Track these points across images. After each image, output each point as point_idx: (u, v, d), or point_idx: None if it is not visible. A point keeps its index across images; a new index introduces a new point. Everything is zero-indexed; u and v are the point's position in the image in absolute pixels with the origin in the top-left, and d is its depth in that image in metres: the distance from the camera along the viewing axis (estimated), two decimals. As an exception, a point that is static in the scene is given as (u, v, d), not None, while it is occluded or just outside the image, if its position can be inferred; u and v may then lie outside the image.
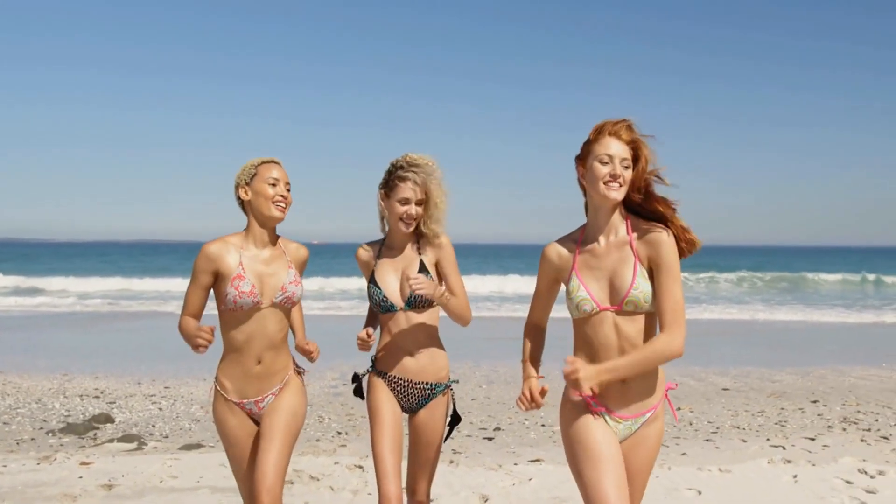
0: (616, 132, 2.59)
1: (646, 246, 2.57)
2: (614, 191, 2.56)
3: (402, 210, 3.20)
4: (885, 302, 25.81)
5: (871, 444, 6.37)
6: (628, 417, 2.60)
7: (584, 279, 2.61)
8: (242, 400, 3.10)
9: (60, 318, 19.06)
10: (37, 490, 4.89)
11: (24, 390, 8.97)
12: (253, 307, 3.03)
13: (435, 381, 3.25)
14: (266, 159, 3.12)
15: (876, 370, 10.93)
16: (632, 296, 2.53)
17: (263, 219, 3.08)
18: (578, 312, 2.60)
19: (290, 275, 3.11)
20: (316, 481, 5.09)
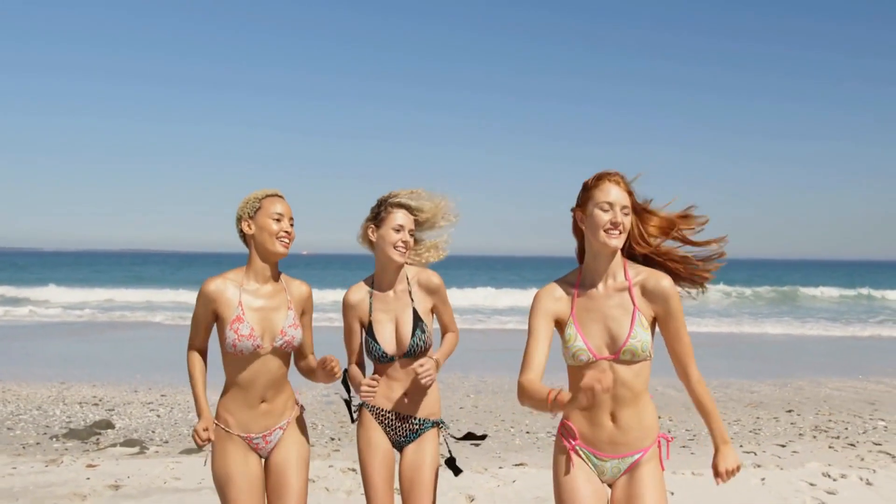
0: (615, 180, 2.60)
1: (649, 299, 2.58)
2: (615, 238, 2.56)
3: (396, 238, 3.14)
4: (871, 315, 26.29)
5: (839, 450, 6.72)
6: (614, 457, 2.60)
7: (582, 327, 2.59)
8: (249, 435, 3.04)
9: (51, 327, 19.25)
10: (47, 490, 5.17)
11: (23, 398, 9.21)
12: (254, 352, 2.98)
13: (424, 417, 3.20)
14: (270, 192, 3.07)
15: (851, 382, 11.29)
16: (629, 345, 2.53)
17: (267, 254, 3.02)
18: (574, 361, 2.58)
19: (289, 317, 3.04)
20: (312, 483, 5.38)
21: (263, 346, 2.98)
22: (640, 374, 2.58)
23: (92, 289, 32.12)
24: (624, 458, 2.60)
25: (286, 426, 3.09)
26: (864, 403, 9.45)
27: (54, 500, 4.94)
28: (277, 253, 3.01)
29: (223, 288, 3.00)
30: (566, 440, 2.65)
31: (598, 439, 2.60)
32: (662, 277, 2.59)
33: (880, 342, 18.13)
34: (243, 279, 3.05)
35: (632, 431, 2.59)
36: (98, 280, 41.99)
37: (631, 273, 2.63)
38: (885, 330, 20.94)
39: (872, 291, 37.54)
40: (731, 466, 2.61)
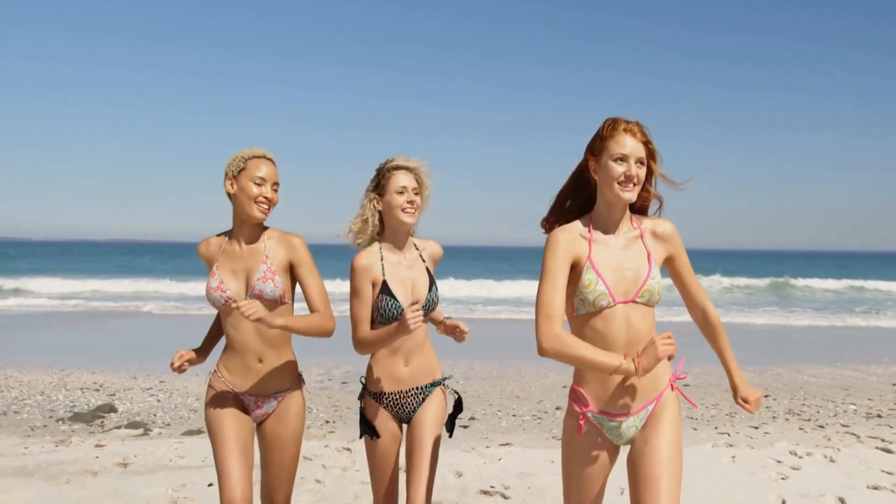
0: (631, 130, 2.53)
1: (658, 242, 2.62)
2: (628, 192, 2.51)
3: (402, 200, 3.06)
4: (857, 305, 26.78)
5: (808, 431, 7.09)
6: (629, 414, 2.54)
7: (601, 271, 2.52)
8: (243, 393, 3.02)
9: (43, 317, 19.46)
10: (59, 467, 5.47)
11: (26, 384, 9.48)
12: (227, 305, 2.97)
13: (428, 383, 3.16)
14: (258, 153, 2.98)
15: (829, 369, 11.67)
16: (648, 285, 2.51)
17: (244, 216, 2.97)
18: (593, 307, 2.50)
19: (261, 270, 2.96)
20: (309, 461, 5.70)
21: (235, 298, 2.95)
22: (648, 319, 2.56)
23: (84, 279, 32.21)
24: (639, 414, 2.55)
25: (282, 398, 3.04)
26: (838, 389, 9.83)
27: (67, 476, 5.24)
28: (253, 217, 2.95)
29: (208, 249, 3.06)
30: (578, 406, 2.60)
31: (613, 397, 2.53)
32: (665, 221, 2.65)
33: (863, 332, 18.59)
34: (225, 240, 3.05)
35: (643, 387, 2.54)
36: (88, 270, 42.08)
37: (635, 220, 2.63)
38: (870, 320, 21.38)
39: (864, 283, 37.86)
40: (758, 394, 2.63)
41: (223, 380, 3.03)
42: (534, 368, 10.83)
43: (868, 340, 16.55)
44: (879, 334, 18.03)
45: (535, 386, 9.67)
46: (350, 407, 8.13)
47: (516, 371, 10.67)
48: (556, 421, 7.61)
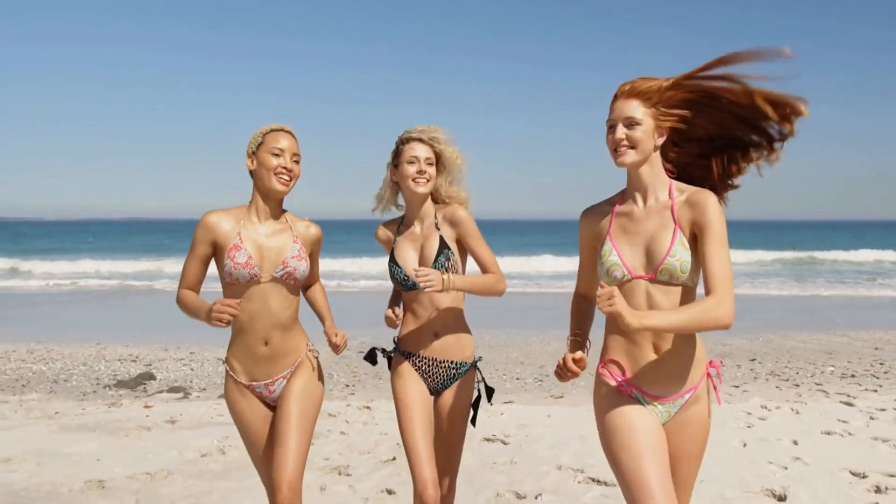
0: (618, 94, 2.45)
1: (689, 209, 2.39)
2: (619, 156, 2.42)
3: (412, 170, 3.06)
4: (862, 276, 27.17)
5: (783, 389, 7.80)
6: (664, 399, 2.42)
7: (618, 244, 2.46)
8: (252, 382, 2.96)
9: (68, 295, 20.37)
10: (116, 424, 6.26)
11: (67, 356, 10.29)
12: (251, 281, 2.86)
13: (460, 361, 3.13)
14: (276, 127, 2.92)
15: (818, 335, 12.32)
16: (667, 263, 2.35)
17: (266, 190, 2.89)
18: (609, 279, 2.44)
19: (294, 249, 2.92)
20: (333, 417, 6.47)
21: (262, 275, 2.87)
22: (674, 298, 2.38)
23: (102, 259, 32.98)
24: (675, 401, 2.43)
25: (290, 374, 2.98)
26: (822, 353, 10.51)
27: (125, 431, 6.03)
28: (275, 190, 2.88)
29: (222, 219, 2.91)
30: (612, 376, 2.48)
31: (644, 374, 2.42)
32: (706, 192, 2.39)
33: (861, 300, 19.22)
34: (245, 215, 2.95)
35: (676, 360, 2.40)
36: (107, 249, 43.01)
37: (675, 191, 2.45)
38: (873, 289, 21.91)
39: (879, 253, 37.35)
40: (604, 292, 2.17)
41: (233, 376, 2.99)
42: (539, 337, 11.54)
43: (865, 308, 17.20)
44: (878, 301, 18.70)
45: (539, 353, 10.38)
46: (367, 372, 8.90)
47: (522, 340, 11.38)
48: (555, 383, 8.33)
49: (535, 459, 5.17)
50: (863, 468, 4.81)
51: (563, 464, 5.02)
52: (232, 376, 2.98)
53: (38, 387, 8.21)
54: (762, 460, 5.04)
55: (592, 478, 4.74)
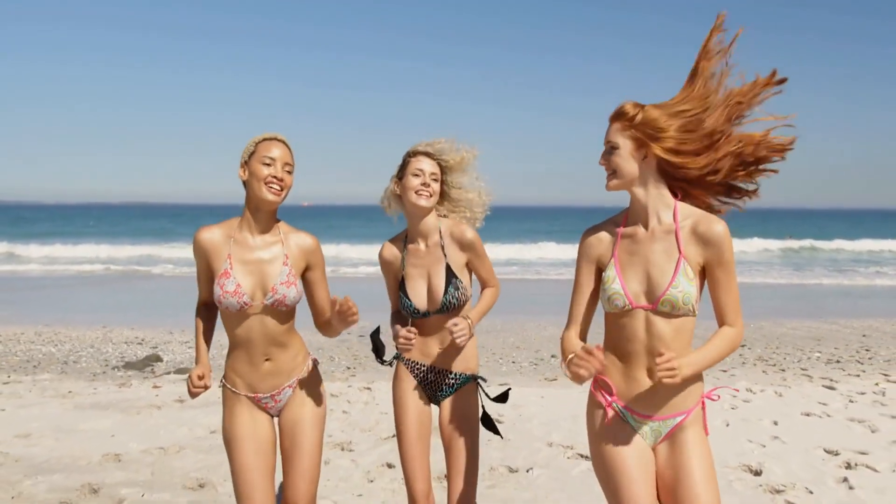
0: (611, 118, 2.42)
1: (699, 245, 2.34)
2: (607, 181, 2.43)
3: (416, 182, 3.02)
4: (859, 264, 27.42)
5: (769, 374, 8.08)
6: (654, 419, 2.40)
7: (622, 269, 2.41)
8: (257, 394, 2.89)
9: (71, 279, 20.63)
10: (128, 403, 6.54)
11: (75, 338, 10.56)
12: (241, 309, 2.78)
13: (461, 372, 3.11)
14: (269, 136, 2.83)
15: (809, 322, 12.59)
16: (669, 295, 2.31)
17: (257, 201, 2.79)
18: (609, 306, 2.41)
19: (283, 273, 2.80)
20: (336, 398, 6.74)
21: (252, 304, 2.78)
22: (681, 330, 2.35)
23: (101, 244, 33.12)
24: (664, 421, 2.39)
25: (295, 384, 2.93)
26: (811, 339, 10.79)
27: (136, 409, 6.31)
28: (266, 200, 2.78)
29: (213, 238, 2.83)
30: (602, 396, 2.47)
31: (635, 396, 2.40)
32: (715, 221, 2.34)
33: (854, 289, 19.51)
34: (236, 230, 2.85)
35: (670, 390, 2.36)
36: (110, 234, 43.24)
37: (680, 215, 2.39)
38: (874, 279, 22.15)
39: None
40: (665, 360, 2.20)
41: (233, 387, 2.91)
42: (535, 323, 11.82)
43: (857, 296, 17.48)
44: (871, 290, 18.98)
45: (535, 338, 10.66)
46: (368, 356, 9.17)
47: (519, 325, 11.65)
48: (549, 366, 8.61)
49: (527, 437, 5.45)
50: (836, 446, 5.10)
51: (554, 441, 5.31)
52: (230, 390, 2.89)
53: (50, 367, 8.49)
54: (742, 439, 5.32)
55: (581, 454, 5.02)
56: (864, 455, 4.93)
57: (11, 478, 4.58)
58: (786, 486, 4.37)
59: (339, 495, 4.36)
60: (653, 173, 2.39)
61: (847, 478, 4.50)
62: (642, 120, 2.34)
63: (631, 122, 2.35)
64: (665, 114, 2.35)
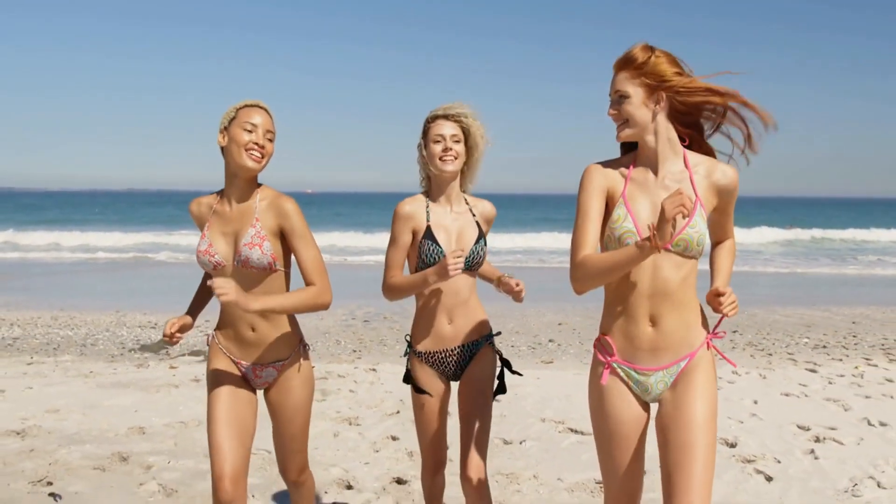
0: (618, 66, 2.39)
1: (712, 189, 2.39)
2: (618, 132, 2.41)
3: (437, 149, 2.98)
4: (858, 253, 27.71)
5: (756, 358, 8.45)
6: (657, 368, 2.37)
7: (634, 209, 2.36)
8: (241, 361, 2.88)
9: (81, 265, 21.07)
10: (147, 382, 6.94)
11: (90, 323, 10.96)
12: (216, 269, 2.79)
13: (475, 339, 3.08)
14: (250, 102, 2.79)
15: (803, 310, 12.93)
16: (686, 234, 2.29)
17: (236, 167, 2.74)
18: (618, 245, 2.34)
19: (249, 234, 2.74)
20: (343, 378, 7.13)
21: (223, 263, 2.78)
22: (688, 276, 2.35)
23: (109, 232, 33.48)
24: (669, 369, 2.36)
25: (282, 367, 2.88)
26: (801, 326, 11.14)
27: (156, 387, 6.71)
28: (245, 167, 2.72)
29: (199, 209, 2.88)
30: (603, 355, 2.47)
31: (638, 349, 2.38)
32: (728, 168, 2.39)
33: (850, 278, 19.85)
34: (215, 198, 2.88)
35: (675, 334, 2.35)
36: (114, 221, 43.69)
37: (691, 161, 2.40)
38: (875, 268, 22.43)
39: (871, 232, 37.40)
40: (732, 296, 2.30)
41: (219, 346, 2.91)
42: (535, 309, 12.17)
43: (852, 285, 17.83)
44: (867, 278, 19.33)
45: (534, 323, 11.03)
46: (373, 340, 9.57)
47: (519, 311, 12.01)
48: (546, 350, 8.99)
49: (521, 413, 5.83)
50: (808, 423, 5.48)
51: (547, 417, 5.69)
52: (217, 344, 2.91)
53: (69, 350, 8.90)
54: (722, 416, 5.69)
55: (571, 428, 5.41)
56: (833, 430, 5.31)
57: (47, 447, 4.98)
58: (756, 457, 4.76)
59: (347, 463, 4.75)
60: (663, 120, 2.37)
61: (814, 450, 4.89)
62: (653, 67, 2.32)
63: (641, 70, 2.33)
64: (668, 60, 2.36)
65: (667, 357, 2.36)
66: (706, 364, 2.37)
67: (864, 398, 6.31)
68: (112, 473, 4.54)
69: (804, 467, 4.60)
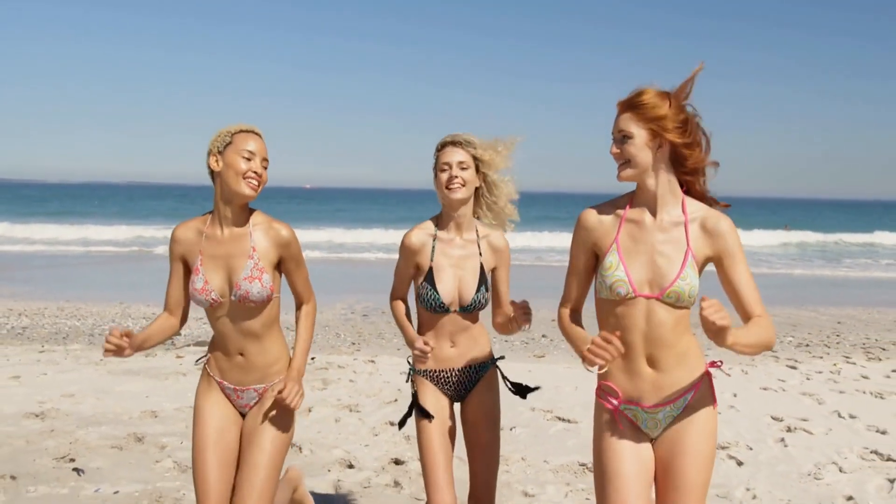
0: (623, 106, 2.38)
1: (706, 238, 2.35)
2: (619, 171, 2.38)
3: (443, 177, 2.94)
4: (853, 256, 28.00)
5: (738, 354, 8.77)
6: (663, 405, 2.38)
7: (626, 257, 2.36)
8: (223, 381, 2.85)
9: (82, 258, 21.37)
10: (156, 369, 7.26)
11: (96, 314, 11.27)
12: (214, 306, 2.75)
13: (478, 363, 3.05)
14: (245, 128, 2.77)
15: (790, 310, 13.24)
16: (677, 286, 2.29)
17: (231, 195, 2.72)
18: (610, 293, 2.36)
19: (248, 268, 2.72)
20: (342, 369, 7.46)
21: (220, 300, 2.74)
22: (682, 319, 2.37)
23: (109, 226, 33.59)
24: (675, 403, 2.39)
25: (262, 391, 2.84)
26: (787, 325, 11.48)
27: (164, 375, 7.03)
28: (243, 195, 2.71)
29: (187, 234, 2.81)
30: (607, 402, 2.45)
31: (641, 389, 2.39)
32: (722, 217, 2.37)
33: (839, 279, 20.21)
34: (208, 225, 2.80)
35: (675, 372, 2.37)
36: (113, 215, 43.93)
37: (689, 208, 2.38)
38: (871, 270, 22.80)
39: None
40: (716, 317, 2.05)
41: (208, 368, 2.90)
42: (530, 305, 12.50)
43: (842, 286, 18.19)
44: (854, 281, 19.71)
45: (527, 320, 11.36)
46: (371, 333, 9.89)
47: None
48: (539, 345, 9.33)
49: (512, 402, 6.07)
50: (782, 414, 5.82)
51: (536, 406, 6.02)
52: (207, 371, 2.89)
53: (78, 339, 9.21)
54: (702, 407, 6.02)
55: (559, 417, 5.75)
56: (805, 421, 5.65)
57: (66, 428, 5.31)
58: (730, 444, 5.10)
59: (349, 445, 5.08)
60: (665, 163, 2.36)
61: (784, 438, 5.23)
62: (653, 112, 2.32)
63: (644, 115, 2.32)
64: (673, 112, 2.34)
65: (672, 392, 2.37)
66: (709, 398, 2.44)
67: (838, 393, 6.65)
68: (129, 452, 4.87)
69: (774, 454, 4.93)
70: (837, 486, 4.39)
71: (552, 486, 4.41)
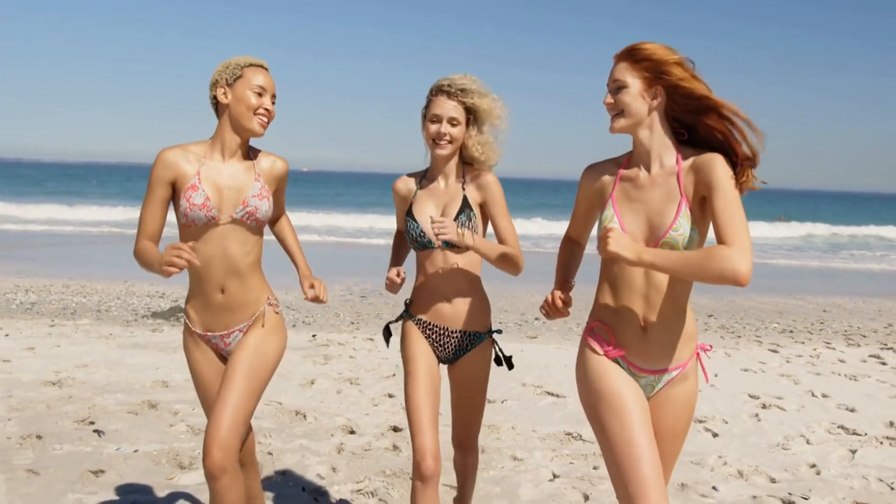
0: (619, 56, 2.36)
1: (694, 173, 2.28)
2: (612, 122, 2.36)
3: (432, 129, 2.87)
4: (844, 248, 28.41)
5: (725, 338, 9.13)
6: (648, 372, 2.35)
7: (621, 211, 2.36)
8: (207, 333, 2.78)
9: (79, 239, 21.63)
10: (164, 344, 7.57)
11: (101, 291, 11.56)
12: (208, 223, 2.67)
13: (473, 331, 2.97)
14: (255, 61, 2.70)
15: (778, 298, 13.59)
16: (669, 237, 2.25)
17: (240, 129, 2.69)
18: None
19: (256, 187, 2.71)
20: (343, 346, 7.77)
21: (220, 217, 2.68)
22: (679, 281, 2.30)
23: (109, 206, 33.76)
24: (660, 376, 2.36)
25: (246, 329, 2.78)
26: (774, 313, 11.82)
27: (172, 349, 7.35)
28: (253, 131, 2.70)
29: (183, 157, 2.70)
30: (600, 344, 2.40)
31: (631, 349, 2.36)
32: (714, 155, 2.26)
33: (829, 271, 20.58)
34: (207, 152, 2.74)
35: (663, 346, 2.33)
36: (111, 195, 44.07)
37: (684, 154, 2.34)
38: (866, 262, 23.23)
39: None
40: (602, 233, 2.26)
41: (190, 325, 2.83)
42: (523, 290, 12.79)
43: (831, 277, 18.55)
44: (843, 272, 20.08)
45: (522, 303, 11.68)
46: (370, 314, 10.21)
47: (508, 292, 12.64)
48: (532, 327, 9.66)
49: (504, 378, 6.47)
50: (759, 393, 6.16)
51: (527, 382, 6.36)
52: (188, 325, 2.82)
53: (86, 314, 9.52)
54: (684, 385, 6.36)
55: (548, 391, 6.08)
56: (780, 399, 5.99)
57: (83, 395, 5.62)
58: (707, 418, 5.44)
59: (350, 414, 5.41)
60: (660, 115, 2.34)
61: (758, 414, 5.58)
62: (652, 56, 2.28)
63: (641, 61, 2.29)
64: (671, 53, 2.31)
65: (659, 362, 2.35)
66: (693, 379, 2.41)
67: (814, 375, 6.99)
68: (144, 417, 5.19)
69: (747, 427, 5.28)
70: (803, 455, 4.74)
71: (539, 451, 4.75)
